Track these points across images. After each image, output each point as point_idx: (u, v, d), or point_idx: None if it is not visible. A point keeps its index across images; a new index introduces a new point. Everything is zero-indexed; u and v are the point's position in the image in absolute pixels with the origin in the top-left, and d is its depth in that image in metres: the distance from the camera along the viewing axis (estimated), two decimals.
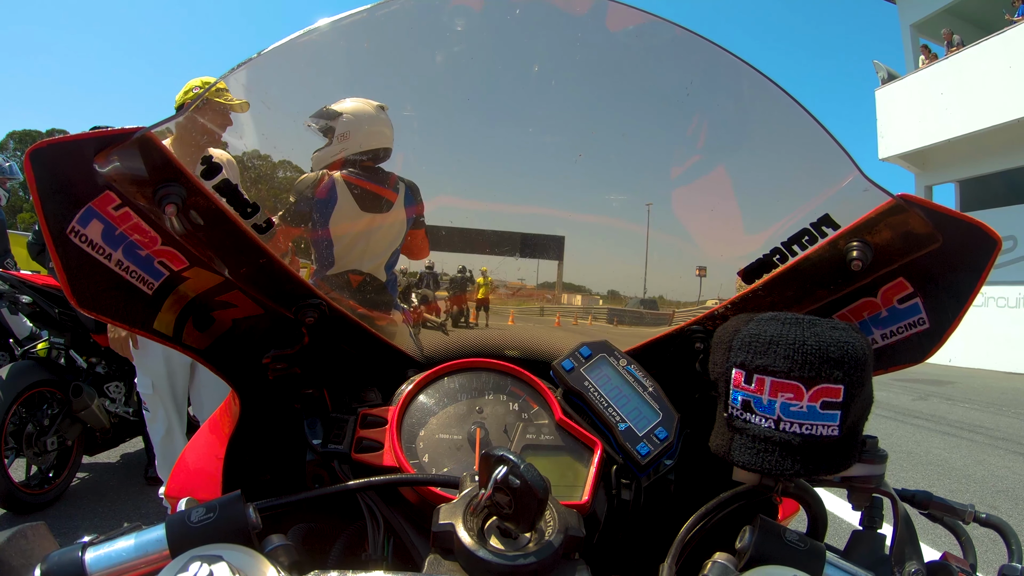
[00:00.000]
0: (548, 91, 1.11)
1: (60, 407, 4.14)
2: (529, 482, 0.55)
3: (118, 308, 0.81)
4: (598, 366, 0.95)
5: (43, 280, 4.37)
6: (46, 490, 4.10)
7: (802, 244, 0.88)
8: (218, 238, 0.83)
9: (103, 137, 0.71)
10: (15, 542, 0.63)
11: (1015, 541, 0.93)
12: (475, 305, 1.26)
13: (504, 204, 1.20)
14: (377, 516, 0.83)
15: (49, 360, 4.24)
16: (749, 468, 0.72)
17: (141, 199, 0.76)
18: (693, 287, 1.12)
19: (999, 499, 5.13)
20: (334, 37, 0.93)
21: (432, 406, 0.94)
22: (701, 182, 1.12)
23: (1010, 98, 16.10)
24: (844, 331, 0.70)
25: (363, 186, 1.34)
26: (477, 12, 1.05)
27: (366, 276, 1.36)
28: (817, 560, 0.68)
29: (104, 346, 4.52)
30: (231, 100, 0.97)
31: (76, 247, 0.75)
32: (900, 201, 0.79)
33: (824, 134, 0.86)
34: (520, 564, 0.57)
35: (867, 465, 0.82)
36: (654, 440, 0.89)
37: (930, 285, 0.86)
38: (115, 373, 4.66)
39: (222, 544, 0.61)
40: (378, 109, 1.26)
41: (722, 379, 0.74)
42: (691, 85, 1.03)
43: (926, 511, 1.01)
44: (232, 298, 0.92)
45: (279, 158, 1.10)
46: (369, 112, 1.27)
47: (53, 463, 4.18)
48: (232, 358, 0.98)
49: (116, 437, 4.66)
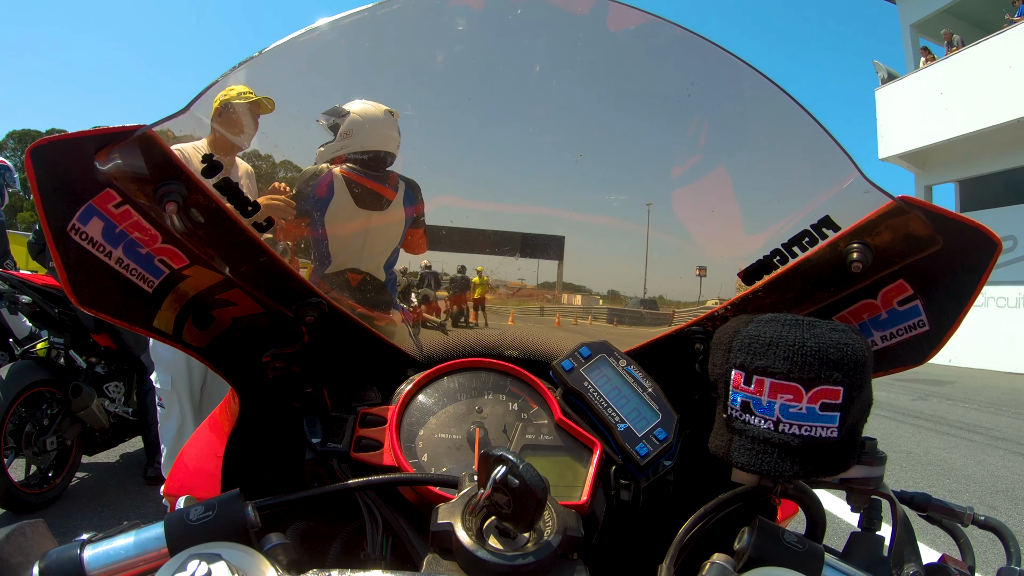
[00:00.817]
0: (548, 91, 1.11)
1: (59, 407, 4.13)
2: (528, 482, 0.55)
3: (118, 306, 0.81)
4: (598, 366, 0.95)
5: (43, 280, 4.36)
6: (45, 490, 4.09)
7: (802, 245, 0.89)
8: (218, 236, 0.83)
9: (104, 135, 0.71)
10: (14, 539, 0.63)
11: (1013, 543, 0.93)
12: (472, 305, 1.25)
13: (504, 204, 1.20)
14: (376, 515, 0.83)
15: (49, 360, 4.23)
16: (748, 469, 0.72)
17: (142, 197, 0.76)
18: (693, 287, 1.12)
19: (999, 499, 5.13)
20: (335, 36, 0.93)
21: (431, 406, 0.94)
22: (701, 183, 1.12)
23: (1010, 98, 16.11)
24: (844, 333, 0.70)
25: (362, 183, 1.34)
26: (477, 12, 1.05)
27: (365, 275, 1.35)
28: (815, 561, 0.68)
29: (104, 346, 4.53)
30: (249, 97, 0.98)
31: (76, 245, 0.75)
32: (900, 203, 0.79)
33: (825, 135, 0.86)
34: (519, 564, 0.57)
35: (866, 467, 0.82)
36: (653, 441, 0.89)
37: (930, 287, 0.86)
38: (115, 373, 4.66)
39: (221, 543, 0.61)
40: (387, 113, 1.26)
41: (721, 380, 0.74)
42: (692, 85, 1.03)
43: (925, 513, 1.01)
44: (232, 296, 0.92)
45: (280, 158, 1.10)
46: (376, 114, 1.27)
47: (53, 463, 4.17)
48: (232, 356, 0.98)
49: (115, 437, 4.65)
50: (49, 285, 4.25)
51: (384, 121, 1.27)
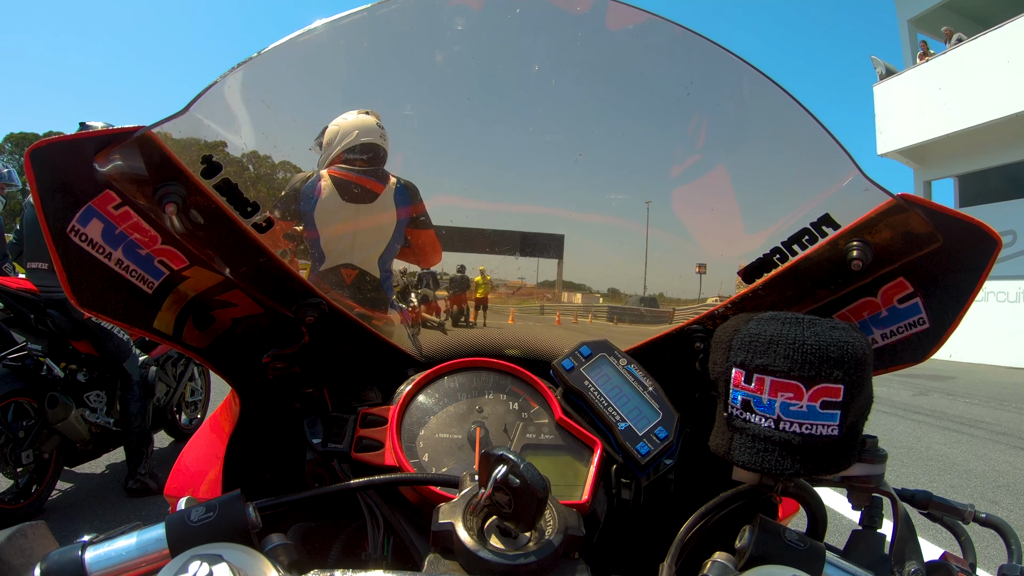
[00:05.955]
0: (548, 90, 1.11)
1: (36, 418, 3.90)
2: (529, 481, 0.55)
3: (118, 307, 0.81)
4: (598, 365, 0.95)
5: (18, 283, 4.10)
6: (21, 505, 3.88)
7: (802, 244, 0.88)
8: (218, 237, 0.83)
9: (103, 136, 0.71)
10: (15, 541, 0.63)
11: (1015, 541, 0.93)
12: (474, 304, 1.26)
13: (504, 203, 1.20)
14: (377, 515, 0.84)
15: (25, 368, 3.91)
16: (749, 468, 0.72)
17: (141, 198, 0.76)
18: (693, 285, 1.12)
19: (1000, 494, 5.14)
20: (334, 36, 0.93)
21: (432, 405, 0.94)
22: (701, 181, 1.12)
23: (1008, 92, 16.09)
24: (844, 331, 0.70)
25: (347, 178, 1.37)
26: (477, 11, 1.05)
27: (359, 271, 1.36)
28: (817, 559, 0.68)
29: (84, 353, 4.27)
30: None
31: (76, 246, 0.75)
32: (900, 201, 0.79)
33: (824, 133, 0.86)
34: (520, 563, 0.57)
35: (867, 465, 0.82)
36: (654, 439, 0.89)
37: (930, 285, 0.86)
38: (96, 381, 4.39)
39: (222, 543, 0.61)
40: (362, 113, 1.29)
41: (722, 378, 0.74)
42: (691, 84, 1.02)
43: (926, 511, 1.01)
44: (232, 297, 0.92)
45: (279, 158, 1.09)
46: (350, 116, 1.32)
47: (33, 476, 3.98)
48: (232, 357, 0.98)
49: (98, 448, 4.42)
50: (25, 289, 4.02)
51: (359, 118, 1.32)
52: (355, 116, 1.31)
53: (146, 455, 4.41)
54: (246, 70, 0.84)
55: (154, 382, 4.60)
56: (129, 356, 4.43)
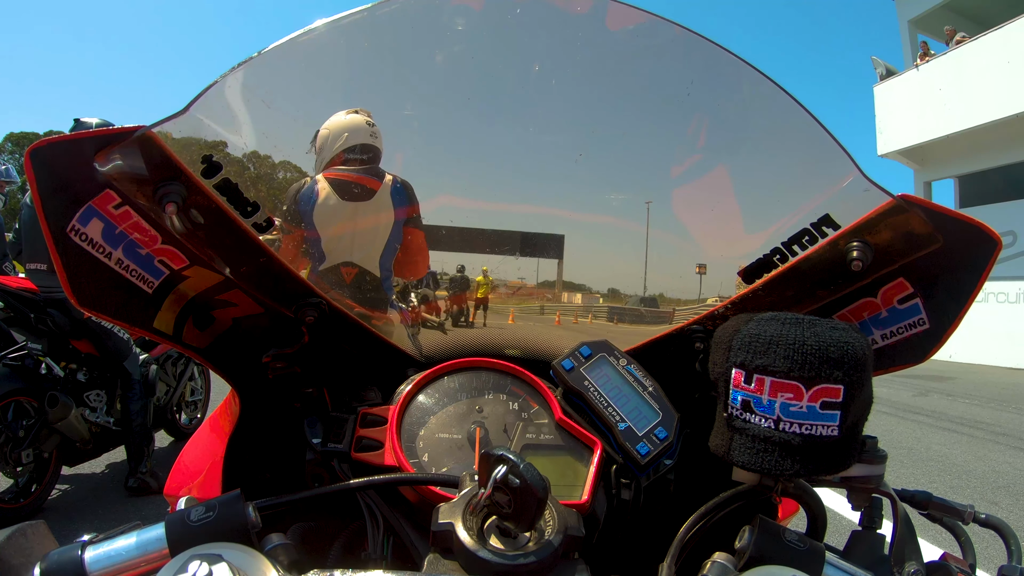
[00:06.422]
0: (548, 91, 1.11)
1: (36, 417, 3.89)
2: (529, 481, 0.55)
3: (118, 307, 0.81)
4: (598, 366, 0.95)
5: (18, 283, 4.10)
6: (21, 504, 3.88)
7: (802, 244, 0.88)
8: (218, 237, 0.83)
9: (103, 136, 0.71)
10: (15, 540, 0.63)
11: (1014, 541, 0.93)
12: (475, 304, 1.26)
13: (504, 203, 1.20)
14: (377, 515, 0.84)
15: (25, 367, 3.92)
16: (749, 468, 0.72)
17: (141, 198, 0.76)
18: (693, 285, 1.12)
19: (999, 495, 5.14)
20: (334, 36, 0.93)
21: (432, 405, 0.94)
22: (701, 181, 1.12)
23: (1008, 93, 16.08)
24: (844, 331, 0.70)
25: (343, 177, 1.37)
26: (477, 11, 1.05)
27: (359, 269, 1.36)
28: (816, 560, 0.68)
29: (85, 352, 4.27)
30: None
31: (76, 246, 0.75)
32: (900, 201, 0.79)
33: (824, 134, 0.86)
34: (520, 563, 0.57)
35: (867, 465, 0.82)
36: (654, 440, 0.89)
37: (930, 285, 0.86)
38: (97, 380, 4.39)
39: (222, 543, 0.61)
40: (350, 112, 1.30)
41: (722, 379, 0.74)
42: (691, 84, 1.02)
43: (925, 511, 1.01)
44: (232, 297, 0.92)
45: (279, 158, 1.10)
46: (339, 117, 1.32)
47: (33, 476, 3.98)
48: (232, 357, 0.98)
49: (98, 447, 4.41)
50: (25, 288, 4.01)
51: (348, 119, 1.32)
52: (344, 117, 1.31)
53: (147, 454, 4.41)
54: (246, 70, 0.84)
55: (155, 381, 4.59)
56: (130, 355, 4.42)
